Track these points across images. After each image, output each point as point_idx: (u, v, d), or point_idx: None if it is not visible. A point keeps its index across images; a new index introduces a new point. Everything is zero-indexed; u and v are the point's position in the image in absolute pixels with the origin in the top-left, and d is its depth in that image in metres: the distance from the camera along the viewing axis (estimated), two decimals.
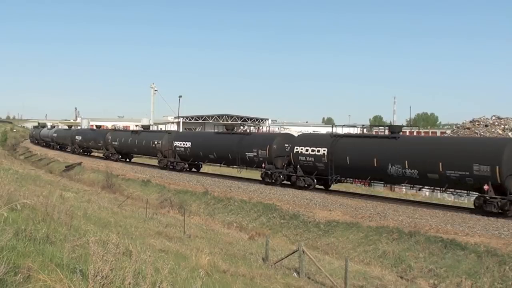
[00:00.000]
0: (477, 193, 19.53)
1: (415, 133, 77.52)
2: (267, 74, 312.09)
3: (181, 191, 28.94)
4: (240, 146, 30.11)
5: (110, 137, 46.76)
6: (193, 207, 25.87)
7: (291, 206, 22.64)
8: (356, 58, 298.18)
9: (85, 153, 54.50)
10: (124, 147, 44.75)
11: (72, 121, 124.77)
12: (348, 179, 26.07)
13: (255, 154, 28.84)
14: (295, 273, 12.08)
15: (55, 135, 64.95)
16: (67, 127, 68.59)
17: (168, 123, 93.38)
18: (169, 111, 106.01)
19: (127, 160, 46.79)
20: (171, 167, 37.13)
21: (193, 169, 37.16)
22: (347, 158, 23.35)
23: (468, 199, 28.39)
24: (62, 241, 6.80)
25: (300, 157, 25.81)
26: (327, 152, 24.29)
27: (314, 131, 35.95)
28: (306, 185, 25.80)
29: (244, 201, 24.78)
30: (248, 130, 37.48)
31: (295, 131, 54.95)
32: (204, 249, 10.58)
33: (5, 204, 7.12)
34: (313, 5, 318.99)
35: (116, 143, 45.72)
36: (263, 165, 28.34)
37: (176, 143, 36.18)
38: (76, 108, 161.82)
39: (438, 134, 69.79)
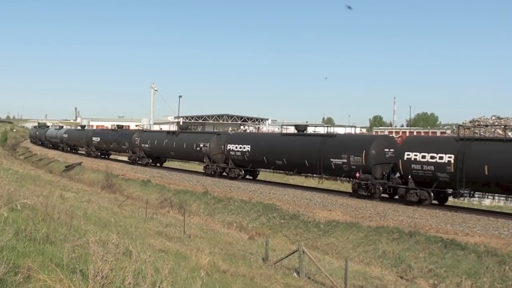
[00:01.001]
0: None
1: (415, 133, 77.64)
2: (267, 74, 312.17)
3: (181, 191, 28.98)
4: (322, 150, 24.83)
5: (138, 138, 41.51)
6: (193, 207, 25.90)
7: (291, 206, 22.67)
8: (356, 58, 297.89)
9: (103, 156, 50.55)
10: (157, 150, 39.43)
11: (72, 121, 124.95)
12: (484, 194, 21.02)
13: (344, 161, 23.66)
14: (295, 273, 12.08)
15: (65, 135, 60.19)
16: (80, 128, 64.98)
17: (168, 123, 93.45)
18: (169, 111, 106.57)
19: (158, 164, 41.46)
20: (221, 173, 32.19)
21: (248, 176, 31.78)
22: (486, 167, 18.60)
23: (468, 199, 28.28)
24: (62, 241, 6.80)
25: (413, 166, 20.99)
26: (454, 160, 19.53)
27: (314, 131, 35.28)
28: (418, 200, 21.23)
29: (244, 201, 24.81)
30: (332, 131, 29.54)
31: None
32: (204, 249, 10.61)
33: (5, 204, 7.14)
34: (313, 5, 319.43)
35: (146, 145, 40.27)
36: (357, 175, 23.23)
37: (230, 146, 31.11)
38: (76, 108, 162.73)
39: (438, 134, 69.76)
